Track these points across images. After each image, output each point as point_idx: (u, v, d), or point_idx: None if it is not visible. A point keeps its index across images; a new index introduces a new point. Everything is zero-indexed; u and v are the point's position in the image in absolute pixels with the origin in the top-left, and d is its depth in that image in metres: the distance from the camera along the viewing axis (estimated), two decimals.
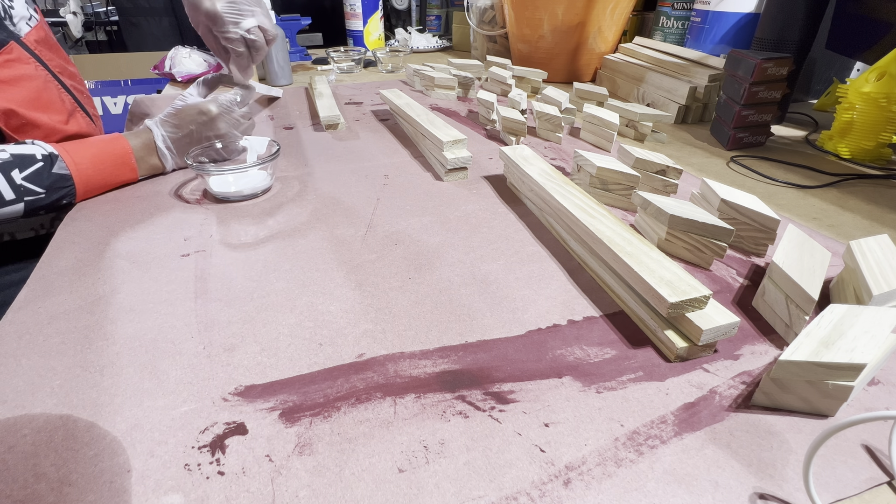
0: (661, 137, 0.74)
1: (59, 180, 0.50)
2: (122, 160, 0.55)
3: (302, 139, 0.73)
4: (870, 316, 0.30)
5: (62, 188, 0.50)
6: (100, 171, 0.54)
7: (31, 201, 0.48)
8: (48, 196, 0.49)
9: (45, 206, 0.50)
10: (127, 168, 0.56)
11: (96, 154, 0.54)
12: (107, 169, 0.54)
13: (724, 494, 0.24)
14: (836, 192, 0.58)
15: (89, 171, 0.52)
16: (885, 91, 0.61)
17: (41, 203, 0.49)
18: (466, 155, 0.58)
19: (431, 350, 0.33)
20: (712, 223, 0.40)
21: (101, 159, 0.54)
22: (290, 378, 0.31)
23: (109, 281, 0.40)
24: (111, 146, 0.55)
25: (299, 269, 0.42)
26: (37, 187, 0.48)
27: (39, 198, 0.49)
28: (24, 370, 0.31)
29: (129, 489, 0.24)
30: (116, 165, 0.55)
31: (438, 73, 0.96)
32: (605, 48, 1.03)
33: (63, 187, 0.50)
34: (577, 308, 0.38)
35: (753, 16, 0.86)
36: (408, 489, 0.24)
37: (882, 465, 0.26)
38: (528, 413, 0.29)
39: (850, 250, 0.37)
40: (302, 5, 1.57)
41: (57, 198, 0.50)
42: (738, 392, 0.30)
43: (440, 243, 0.46)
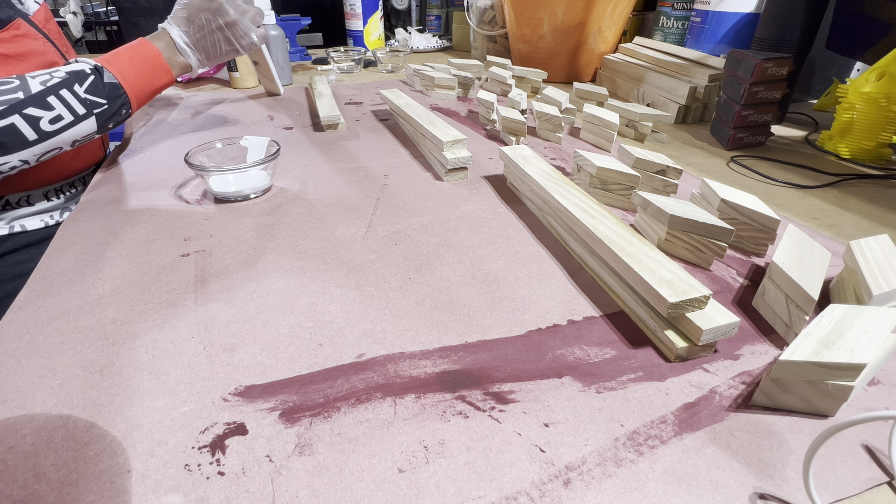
0: (661, 137, 0.74)
1: (114, 89, 0.52)
2: (156, 62, 0.58)
3: (302, 139, 0.73)
4: (870, 316, 0.30)
5: (118, 97, 0.52)
6: (140, 75, 0.56)
7: (99, 113, 0.51)
8: (110, 106, 0.51)
9: (111, 117, 0.52)
10: (162, 70, 0.58)
11: (132, 60, 0.56)
12: (146, 72, 0.57)
13: (724, 494, 0.24)
14: (836, 192, 0.58)
15: (132, 76, 0.55)
16: (885, 91, 0.61)
17: (107, 114, 0.51)
18: (466, 155, 0.58)
19: (431, 350, 0.33)
20: (712, 223, 0.40)
21: (137, 64, 0.56)
22: (290, 378, 0.31)
23: (109, 281, 0.40)
24: (141, 51, 0.57)
25: (299, 269, 0.42)
26: (99, 98, 0.50)
27: (104, 109, 0.51)
28: (24, 370, 0.31)
29: (129, 489, 0.24)
30: (152, 68, 0.57)
31: (438, 73, 0.96)
32: (605, 48, 1.03)
33: (118, 96, 0.53)
34: (577, 308, 0.38)
35: (753, 16, 0.86)
36: (408, 489, 0.24)
37: (882, 465, 0.26)
38: (528, 413, 0.29)
39: (850, 250, 0.37)
40: (302, 5, 1.57)
41: (118, 107, 0.52)
42: (738, 392, 0.30)
43: (440, 243, 0.46)
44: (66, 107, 0.49)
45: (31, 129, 0.48)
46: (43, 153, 0.50)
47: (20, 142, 0.48)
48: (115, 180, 0.59)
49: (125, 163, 0.64)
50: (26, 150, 0.48)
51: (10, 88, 0.47)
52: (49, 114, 0.48)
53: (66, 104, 0.49)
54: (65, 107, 0.49)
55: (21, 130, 0.47)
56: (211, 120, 0.81)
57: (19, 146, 0.48)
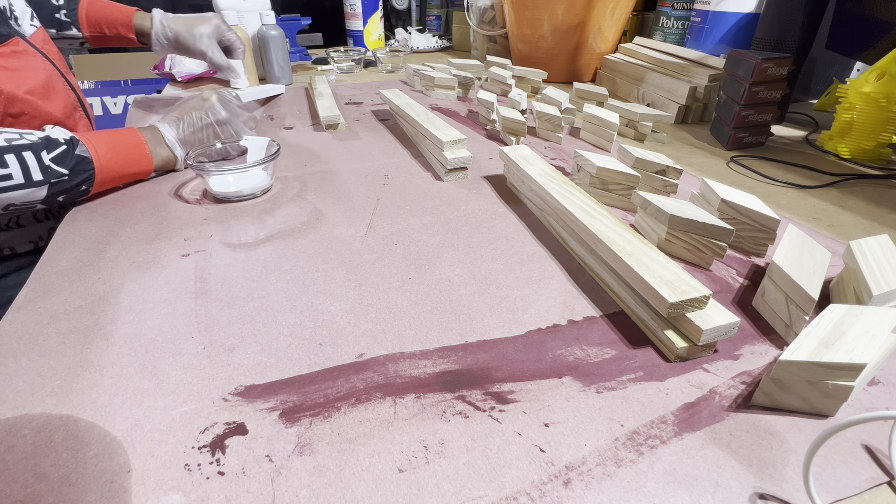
0: (661, 137, 0.74)
1: (81, 163, 0.50)
2: (137, 149, 0.56)
3: (302, 139, 0.73)
4: (870, 316, 0.30)
5: (83, 171, 0.50)
6: (117, 156, 0.54)
7: (55, 184, 0.48)
8: (71, 178, 0.49)
9: (67, 191, 0.50)
10: (142, 156, 0.56)
11: (112, 140, 0.54)
12: (123, 156, 0.55)
13: (724, 494, 0.24)
14: (836, 192, 0.58)
15: (108, 155, 0.53)
16: (885, 91, 0.61)
17: (64, 186, 0.49)
18: (466, 155, 0.58)
19: (431, 350, 0.33)
20: (712, 223, 0.40)
21: (117, 146, 0.54)
22: (290, 378, 0.31)
23: (109, 281, 0.40)
24: (125, 135, 0.56)
25: (299, 269, 0.42)
26: (62, 168, 0.48)
27: (63, 180, 0.49)
28: (24, 370, 0.31)
29: (129, 489, 0.24)
30: (131, 154, 0.55)
31: (438, 73, 0.96)
32: (605, 48, 1.03)
33: (84, 171, 0.50)
34: (577, 308, 0.38)
35: (753, 16, 0.86)
36: (408, 489, 0.24)
37: (882, 465, 0.26)
38: (528, 413, 0.29)
39: (850, 250, 0.37)
40: (302, 5, 1.57)
41: (78, 181, 0.50)
42: (738, 392, 0.30)
43: (440, 243, 0.46)
44: (21, 169, 0.46)
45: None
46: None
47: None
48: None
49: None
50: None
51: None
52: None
53: (24, 167, 0.46)
54: (20, 169, 0.46)
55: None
56: None
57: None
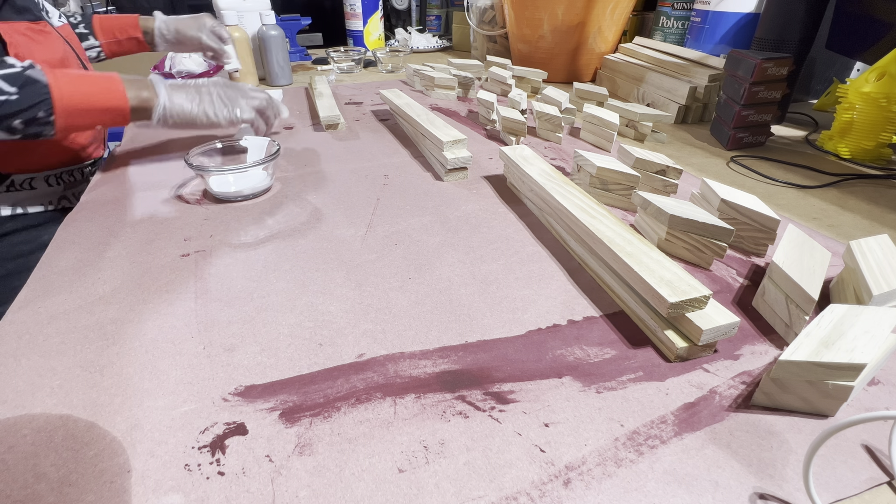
0: (661, 137, 0.74)
1: (34, 85, 0.47)
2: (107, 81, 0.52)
3: (302, 139, 0.73)
4: (870, 316, 0.30)
5: (37, 94, 0.47)
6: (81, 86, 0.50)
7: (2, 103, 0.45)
8: (21, 99, 0.46)
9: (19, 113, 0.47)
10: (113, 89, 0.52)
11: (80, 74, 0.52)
12: (89, 86, 0.51)
13: (724, 494, 0.24)
14: (836, 192, 0.58)
15: (69, 84, 0.49)
16: (885, 91, 0.61)
17: (14, 107, 0.46)
18: (466, 155, 0.58)
19: (431, 350, 0.33)
20: (712, 223, 0.40)
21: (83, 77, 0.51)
22: (290, 378, 0.31)
23: (109, 281, 0.40)
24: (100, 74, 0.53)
25: (299, 269, 0.42)
26: (8, 86, 0.46)
27: (10, 98, 0.46)
28: (24, 370, 0.31)
29: (129, 489, 0.24)
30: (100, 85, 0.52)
31: (438, 73, 0.96)
32: (605, 48, 1.03)
33: (38, 94, 0.47)
34: (577, 308, 0.38)
35: (753, 16, 0.86)
36: (408, 489, 0.24)
37: (882, 465, 0.26)
38: (528, 413, 0.29)
39: (850, 250, 0.37)
40: (302, 5, 1.57)
41: (31, 104, 0.47)
42: (738, 392, 0.30)
43: (440, 243, 0.46)
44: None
45: None
46: None
47: None
48: (115, 180, 0.59)
49: (125, 163, 0.64)
50: None
51: None
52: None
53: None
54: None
55: None
56: None
57: None
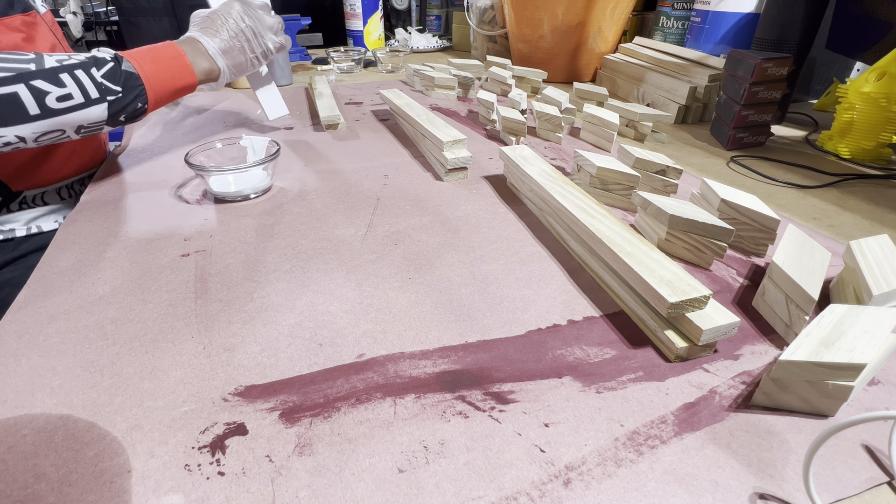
0: (661, 137, 0.74)
1: (131, 78, 0.51)
2: (179, 62, 0.56)
3: (302, 139, 0.73)
4: (870, 316, 0.30)
5: (134, 87, 0.51)
6: (161, 72, 0.54)
7: (112, 101, 0.49)
8: (125, 95, 0.50)
9: (124, 108, 0.51)
10: (184, 70, 0.56)
11: (154, 57, 0.54)
12: (167, 70, 0.55)
13: (724, 494, 0.24)
14: (836, 192, 0.58)
15: (152, 70, 0.53)
16: (885, 91, 0.61)
17: (120, 103, 0.50)
18: (466, 155, 0.58)
19: (431, 350, 0.33)
20: (712, 223, 0.40)
21: (159, 61, 0.55)
22: (290, 378, 0.31)
23: (109, 281, 0.40)
24: (164, 50, 0.56)
25: (299, 269, 0.42)
26: (114, 85, 0.49)
27: (118, 97, 0.49)
28: (24, 370, 0.31)
29: (130, 489, 0.24)
30: (174, 67, 0.56)
31: (438, 73, 0.96)
32: (605, 48, 1.03)
33: (135, 86, 0.51)
34: (577, 308, 0.38)
35: (753, 16, 0.86)
36: (408, 489, 0.24)
37: (882, 465, 0.26)
38: (528, 413, 0.29)
39: (850, 250, 0.37)
40: (302, 5, 1.57)
41: (133, 97, 0.51)
42: (738, 392, 0.30)
43: (440, 243, 0.46)
44: (78, 87, 0.47)
45: (34, 103, 0.45)
46: (43, 133, 0.47)
47: (20, 114, 0.45)
48: (115, 180, 0.59)
49: (125, 163, 0.64)
50: (25, 124, 0.46)
51: (23, 59, 0.46)
52: (58, 90, 0.46)
53: (80, 84, 0.47)
54: (77, 87, 0.47)
55: (24, 102, 0.45)
56: (211, 120, 0.81)
57: (18, 119, 0.45)
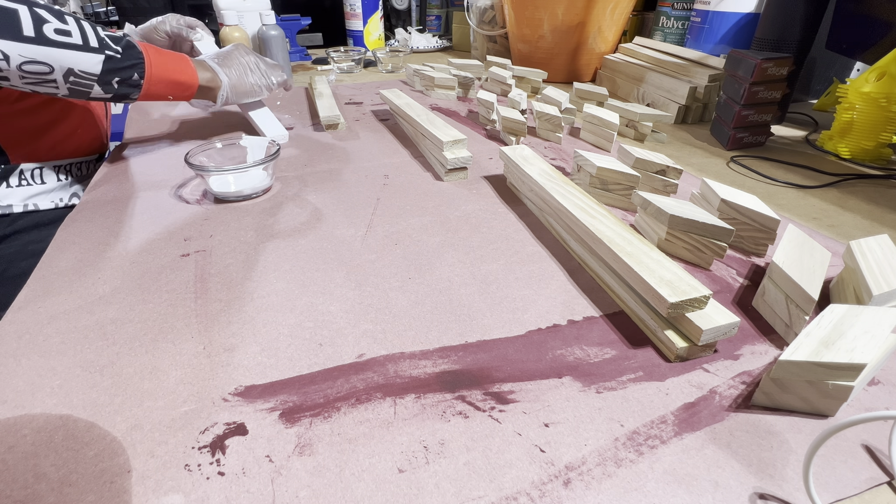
0: (661, 137, 0.74)
1: (132, 48, 0.52)
2: (181, 60, 0.59)
3: (302, 139, 0.73)
4: (870, 316, 0.30)
5: (134, 57, 0.52)
6: (163, 58, 0.56)
7: (109, 57, 0.49)
8: (123, 57, 0.51)
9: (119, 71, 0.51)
10: (186, 66, 0.58)
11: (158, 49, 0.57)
12: (169, 60, 0.57)
13: (724, 494, 0.24)
14: (836, 192, 0.58)
15: (155, 54, 0.55)
16: (885, 91, 0.61)
17: (116, 65, 0.50)
18: (466, 155, 0.58)
19: (431, 350, 0.33)
20: (712, 223, 0.40)
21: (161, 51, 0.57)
22: (290, 378, 0.31)
23: (109, 281, 0.40)
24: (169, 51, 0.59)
25: (299, 269, 0.42)
26: (115, 45, 0.50)
27: (115, 56, 0.50)
28: (24, 370, 0.31)
29: (130, 489, 0.24)
30: (177, 60, 0.58)
31: (438, 73, 0.96)
32: (605, 48, 1.03)
33: (135, 56, 0.52)
34: (577, 308, 0.38)
35: (753, 16, 0.86)
36: (408, 489, 0.24)
37: (882, 465, 0.26)
38: (528, 413, 0.29)
39: (850, 250, 0.37)
40: (302, 5, 1.57)
41: (130, 65, 0.51)
42: (738, 392, 0.30)
43: (440, 243, 0.46)
44: (79, 30, 0.47)
45: (31, 26, 0.44)
46: (29, 60, 0.45)
47: (13, 30, 0.43)
48: (115, 180, 0.59)
49: (125, 163, 0.64)
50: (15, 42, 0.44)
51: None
52: (58, 24, 0.46)
53: (81, 29, 0.47)
54: (78, 29, 0.47)
55: (20, 20, 0.44)
56: (211, 120, 0.81)
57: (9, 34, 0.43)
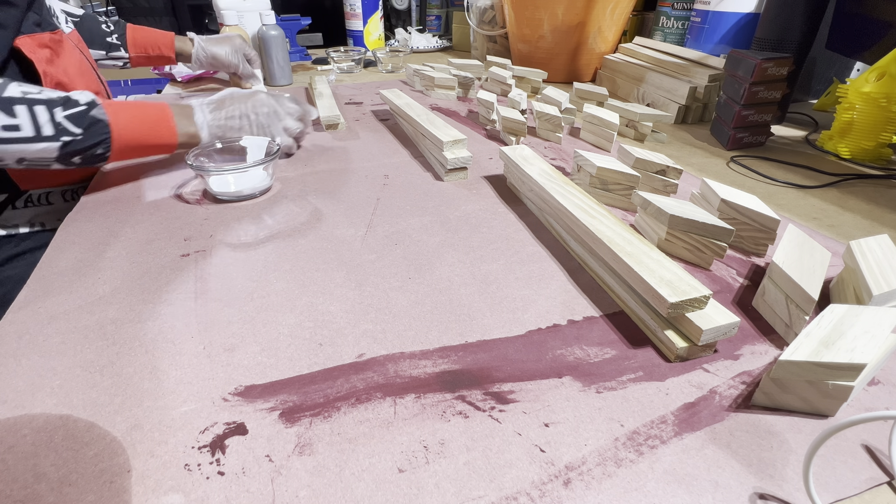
0: (661, 137, 0.74)
1: (97, 125, 0.50)
2: (162, 122, 0.55)
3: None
4: (870, 316, 0.30)
5: (99, 134, 0.50)
6: (138, 125, 0.54)
7: (68, 143, 0.48)
8: (84, 138, 0.49)
9: (81, 151, 0.50)
10: (166, 129, 0.56)
11: (136, 110, 0.54)
12: (145, 126, 0.54)
13: (724, 494, 0.24)
14: (836, 192, 0.58)
15: (128, 123, 0.53)
16: (885, 91, 0.61)
17: (76, 146, 0.49)
18: (466, 155, 0.58)
19: (431, 350, 0.33)
20: (712, 223, 0.40)
21: (139, 115, 0.54)
22: (290, 378, 0.31)
23: (109, 281, 0.40)
24: (152, 108, 0.56)
25: (299, 269, 0.42)
26: (75, 128, 0.48)
27: (75, 139, 0.49)
28: (24, 370, 0.31)
29: (129, 489, 0.24)
30: (155, 125, 0.55)
31: (438, 73, 0.96)
32: (605, 48, 1.03)
33: (100, 133, 0.50)
34: (577, 308, 0.38)
35: (753, 16, 0.86)
36: (408, 489, 0.24)
37: (882, 465, 0.26)
38: (528, 413, 0.29)
39: (850, 250, 0.37)
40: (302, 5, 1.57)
41: (93, 143, 0.50)
42: (738, 392, 0.30)
43: (440, 243, 0.46)
44: (31, 121, 0.46)
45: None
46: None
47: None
48: (116, 180, 0.59)
49: (125, 162, 0.64)
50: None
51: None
52: (6, 119, 0.45)
53: (34, 119, 0.46)
54: (30, 121, 0.46)
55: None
56: None
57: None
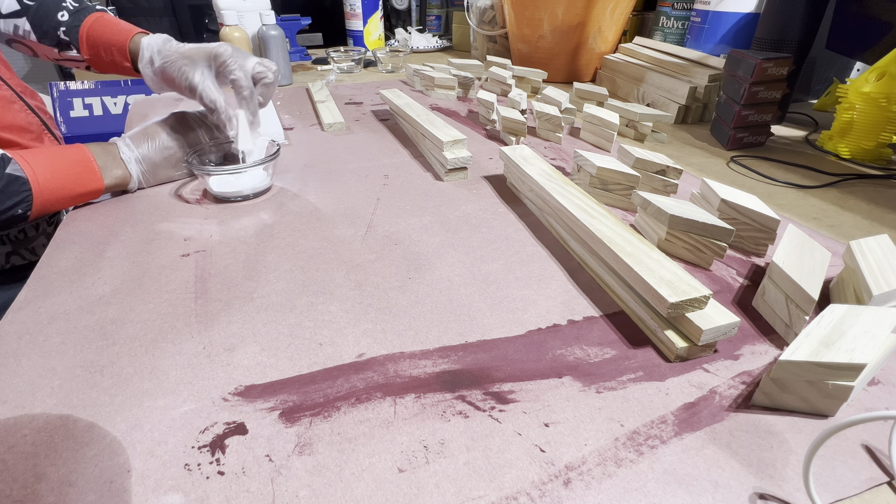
0: (661, 137, 0.74)
1: (14, 183, 0.44)
2: (83, 166, 0.49)
3: (302, 139, 0.73)
4: (870, 316, 0.30)
5: (18, 192, 0.44)
6: (59, 176, 0.47)
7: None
8: (1, 200, 0.43)
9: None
10: (89, 175, 0.49)
11: (54, 159, 0.48)
12: (66, 175, 0.48)
13: (724, 494, 0.24)
14: (836, 192, 0.58)
15: (48, 175, 0.46)
16: (885, 91, 0.61)
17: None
18: (466, 155, 0.58)
19: (431, 350, 0.33)
20: (712, 223, 0.40)
21: (58, 164, 0.48)
22: (290, 378, 0.31)
23: (109, 281, 0.40)
24: (70, 152, 0.50)
25: (299, 269, 0.42)
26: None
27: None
28: (24, 370, 0.31)
29: (129, 489, 0.24)
30: (77, 172, 0.49)
31: (438, 73, 0.96)
32: (605, 48, 1.03)
33: (19, 192, 0.44)
34: (577, 308, 0.38)
35: (753, 16, 0.86)
36: (408, 489, 0.24)
37: (882, 465, 0.26)
38: (528, 413, 0.29)
39: (850, 250, 0.37)
40: (302, 5, 1.57)
41: (11, 204, 0.44)
42: (738, 392, 0.30)
43: (440, 243, 0.46)
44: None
45: None
46: None
47: None
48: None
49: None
50: None
51: None
52: None
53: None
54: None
55: None
56: None
57: None
